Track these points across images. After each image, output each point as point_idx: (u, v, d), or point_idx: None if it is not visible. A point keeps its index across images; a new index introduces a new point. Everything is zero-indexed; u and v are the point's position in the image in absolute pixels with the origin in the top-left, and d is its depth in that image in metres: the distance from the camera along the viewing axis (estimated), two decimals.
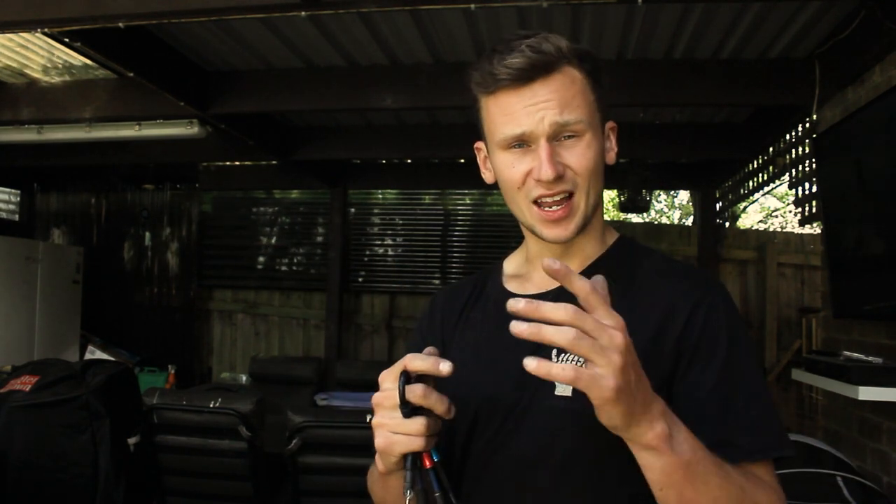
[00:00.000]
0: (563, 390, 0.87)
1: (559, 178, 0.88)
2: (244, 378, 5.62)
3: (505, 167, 0.92)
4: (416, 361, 0.78)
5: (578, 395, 0.85)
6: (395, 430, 0.79)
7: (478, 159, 1.02)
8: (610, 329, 0.68)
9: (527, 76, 0.88)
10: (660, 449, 0.73)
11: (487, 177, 1.00)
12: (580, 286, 0.69)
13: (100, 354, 5.40)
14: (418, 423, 0.78)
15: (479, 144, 1.01)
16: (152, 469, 2.98)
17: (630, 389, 0.69)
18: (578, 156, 0.90)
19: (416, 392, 0.78)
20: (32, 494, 2.91)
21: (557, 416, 0.88)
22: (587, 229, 0.96)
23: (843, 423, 3.01)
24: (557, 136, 0.89)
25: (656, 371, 0.86)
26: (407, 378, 0.79)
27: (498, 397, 0.92)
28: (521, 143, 0.90)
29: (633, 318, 0.87)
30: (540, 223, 0.92)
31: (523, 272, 1.02)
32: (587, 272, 0.96)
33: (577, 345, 0.67)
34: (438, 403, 0.78)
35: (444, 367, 0.77)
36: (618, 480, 0.86)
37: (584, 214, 0.92)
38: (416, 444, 0.78)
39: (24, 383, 2.98)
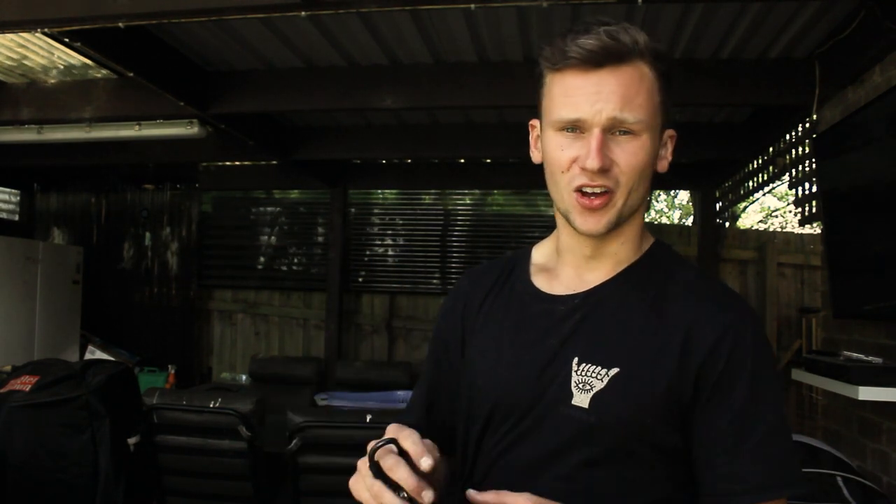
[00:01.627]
0: (580, 401, 0.87)
1: (604, 170, 0.86)
2: (244, 378, 5.62)
3: (554, 148, 0.90)
4: (407, 442, 0.78)
5: (595, 408, 0.85)
6: (365, 489, 0.78)
7: (530, 137, 0.99)
8: None
9: (596, 60, 0.86)
10: None
11: (535, 156, 0.98)
12: None
13: (100, 354, 5.40)
14: (376, 485, 0.76)
15: (534, 122, 0.98)
16: (152, 469, 2.98)
17: None
18: (629, 154, 0.87)
19: (386, 462, 0.77)
20: (32, 494, 2.91)
21: (572, 426, 0.87)
22: (622, 232, 0.93)
23: (843, 423, 3.01)
24: (613, 129, 0.87)
25: (676, 394, 0.85)
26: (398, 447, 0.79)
27: (515, 396, 0.92)
28: (575, 128, 0.88)
29: (660, 332, 0.87)
30: (575, 211, 0.90)
31: (552, 265, 1.00)
32: (616, 280, 0.94)
33: None
34: (409, 481, 0.75)
35: (424, 462, 0.76)
36: (627, 493, 0.86)
37: (619, 213, 0.90)
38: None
39: (24, 383, 2.98)
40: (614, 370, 0.86)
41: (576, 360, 0.89)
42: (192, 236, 6.32)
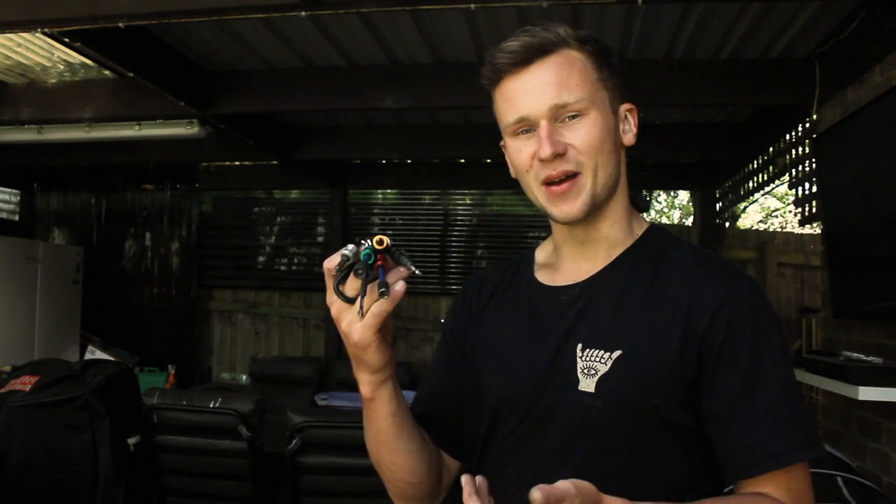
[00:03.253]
0: (586, 386, 0.88)
1: (559, 155, 0.89)
2: (244, 378, 5.62)
3: (514, 153, 0.94)
4: (332, 261, 0.82)
5: (601, 391, 0.87)
6: (353, 321, 0.83)
7: (506, 158, 1.01)
8: None
9: (523, 59, 0.89)
10: None
11: (512, 171, 1.00)
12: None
13: (100, 354, 5.40)
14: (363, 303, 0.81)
15: (503, 143, 1.00)
16: (152, 469, 2.98)
17: None
18: (581, 134, 0.89)
19: (349, 285, 0.82)
20: (32, 494, 2.91)
21: (582, 412, 0.88)
22: (607, 213, 0.95)
23: (843, 423, 3.01)
24: (559, 117, 0.90)
25: (680, 371, 0.86)
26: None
27: (523, 388, 0.93)
28: (527, 128, 0.91)
29: (660, 312, 0.88)
30: (548, 202, 0.92)
31: (553, 262, 1.02)
32: (614, 265, 0.95)
33: None
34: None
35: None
36: (644, 474, 0.87)
37: (593, 194, 0.91)
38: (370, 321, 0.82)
39: (24, 383, 2.98)
40: (617, 352, 0.87)
41: (579, 346, 0.90)
42: (192, 236, 6.32)
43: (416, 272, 0.83)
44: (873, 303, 2.63)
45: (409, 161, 5.64)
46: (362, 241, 0.83)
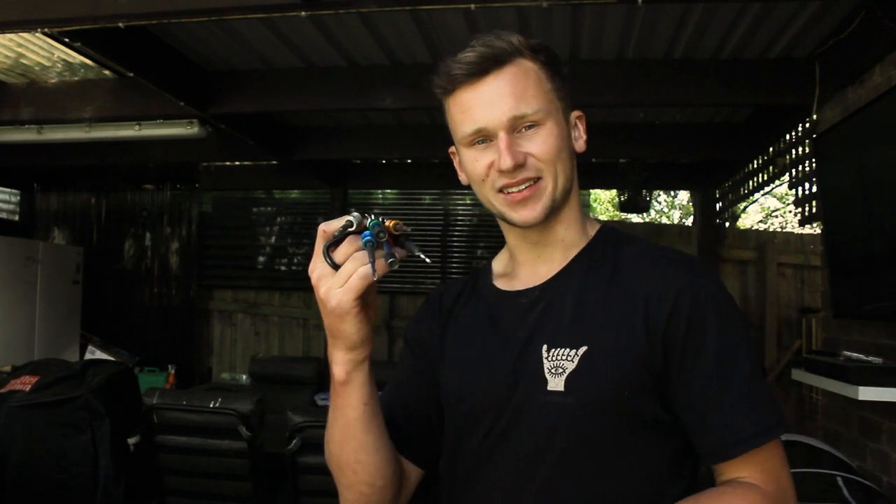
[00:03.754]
0: (556, 385, 0.88)
1: (519, 166, 0.89)
2: (244, 378, 5.62)
3: (470, 162, 0.94)
4: (332, 224, 0.82)
5: (571, 389, 0.87)
6: (333, 286, 0.81)
7: (454, 164, 1.03)
8: None
9: (479, 69, 0.90)
10: None
11: (462, 179, 1.01)
12: None
13: (100, 354, 5.40)
14: (346, 267, 0.80)
15: (452, 149, 1.02)
16: (152, 469, 2.98)
17: None
18: (539, 143, 0.91)
19: (340, 251, 0.81)
20: (32, 494, 2.91)
21: (553, 411, 0.88)
22: (562, 217, 0.96)
23: (843, 423, 3.01)
24: (517, 127, 0.90)
25: (647, 363, 0.87)
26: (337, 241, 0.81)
27: (490, 394, 0.93)
28: (483, 138, 0.92)
29: (621, 306, 0.90)
30: (507, 208, 0.93)
31: (510, 270, 1.03)
32: (571, 266, 0.96)
33: None
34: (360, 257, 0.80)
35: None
36: (621, 467, 0.87)
37: (553, 198, 0.92)
38: (355, 284, 0.80)
39: (24, 383, 2.98)
40: (583, 348, 0.88)
41: (545, 346, 0.90)
42: (192, 236, 6.32)
43: (426, 259, 0.84)
44: (873, 303, 2.63)
45: (409, 161, 5.64)
46: (366, 214, 0.82)
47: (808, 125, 3.50)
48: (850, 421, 2.93)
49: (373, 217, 0.81)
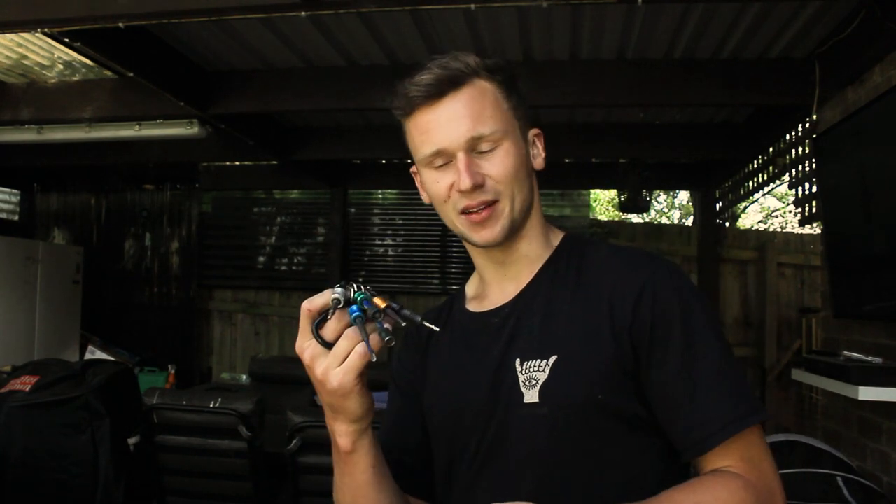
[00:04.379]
0: (531, 397, 0.88)
1: (478, 187, 0.90)
2: (244, 378, 5.61)
3: (431, 183, 0.96)
4: (315, 301, 0.82)
5: (545, 399, 0.88)
6: (330, 366, 0.80)
7: (416, 183, 1.04)
8: None
9: (437, 91, 0.91)
10: None
11: (424, 198, 1.02)
12: None
13: (100, 354, 5.40)
14: (341, 346, 0.80)
15: (414, 168, 1.03)
16: (152, 469, 2.98)
17: None
18: (497, 164, 0.91)
19: (329, 328, 0.81)
20: (32, 494, 2.91)
21: (532, 423, 0.89)
22: (525, 234, 0.97)
23: (843, 423, 3.01)
24: (475, 148, 0.91)
25: (618, 363, 0.87)
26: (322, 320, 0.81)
27: (474, 414, 0.93)
28: (443, 160, 0.93)
29: (587, 311, 0.90)
30: (468, 229, 0.94)
31: (480, 292, 1.04)
32: (537, 279, 0.97)
33: None
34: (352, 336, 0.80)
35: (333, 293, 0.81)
36: (607, 470, 0.87)
37: (511, 218, 0.93)
38: (354, 362, 0.80)
39: (24, 383, 2.98)
40: (553, 357, 0.89)
41: (518, 360, 0.91)
42: (192, 236, 6.32)
43: (435, 328, 0.85)
44: (873, 303, 2.63)
45: (409, 161, 5.62)
46: (348, 285, 0.81)
47: (808, 125, 3.50)
48: (850, 421, 2.93)
49: (356, 289, 0.80)
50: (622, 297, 0.88)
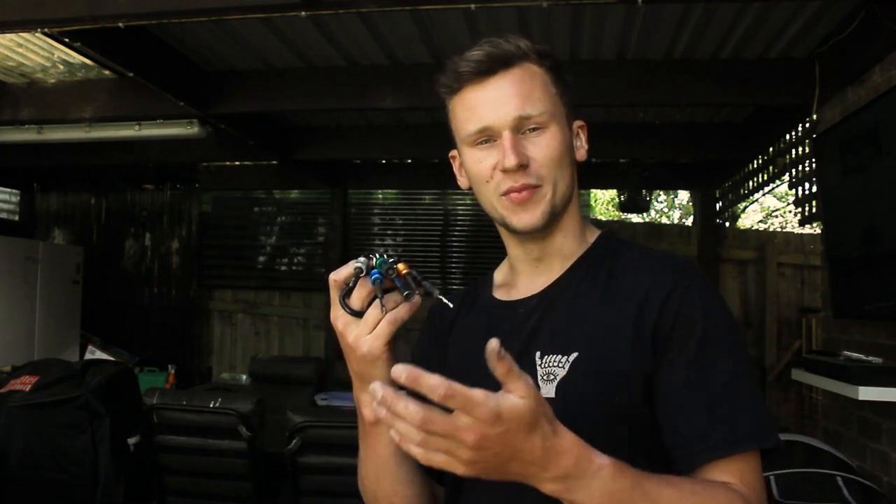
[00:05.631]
0: (547, 392, 0.87)
1: (522, 166, 0.89)
2: (244, 378, 5.62)
3: (473, 163, 0.94)
4: (341, 273, 0.84)
5: (561, 394, 0.87)
6: (361, 333, 0.83)
7: (453, 168, 1.04)
8: (461, 430, 0.66)
9: (487, 68, 0.90)
10: (562, 497, 0.72)
11: (462, 182, 1.01)
12: (433, 393, 0.66)
13: (100, 354, 5.40)
14: (370, 314, 0.82)
15: (454, 152, 1.02)
16: (152, 469, 2.98)
17: (494, 466, 0.68)
18: (543, 147, 0.90)
19: (354, 297, 0.82)
20: (32, 494, 2.91)
21: None
22: (562, 226, 0.96)
23: (843, 423, 3.01)
24: (521, 128, 0.90)
25: (640, 364, 0.86)
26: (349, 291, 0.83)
27: None
28: (487, 138, 0.92)
29: (613, 311, 0.89)
30: (508, 212, 0.92)
31: (509, 280, 1.03)
32: (568, 274, 0.97)
33: (425, 445, 0.67)
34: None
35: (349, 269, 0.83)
36: None
37: (552, 204, 0.92)
38: (383, 330, 0.83)
39: (24, 383, 2.98)
40: (574, 354, 0.88)
41: (538, 353, 0.90)
42: (192, 236, 6.32)
43: (447, 301, 0.85)
44: (873, 303, 2.63)
45: (409, 161, 5.64)
46: (371, 255, 0.83)
47: (807, 125, 3.50)
48: (850, 421, 2.93)
49: (377, 256, 0.82)
50: (651, 300, 0.87)
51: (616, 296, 0.90)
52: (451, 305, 0.85)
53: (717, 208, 5.61)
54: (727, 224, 5.96)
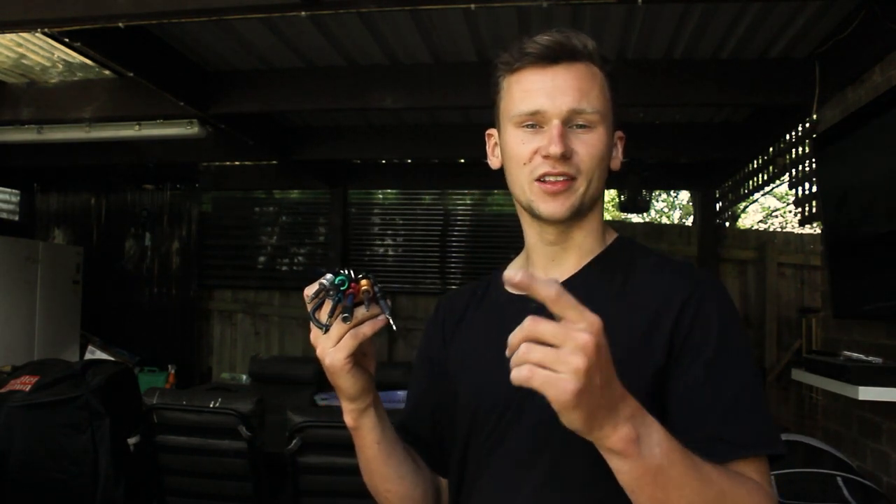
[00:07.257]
0: None
1: (566, 157, 0.90)
2: (244, 378, 5.61)
3: (515, 143, 0.94)
4: (311, 288, 0.87)
5: None
6: (327, 346, 0.86)
7: (487, 146, 1.04)
8: (574, 332, 0.66)
9: (552, 56, 0.91)
10: (625, 453, 0.71)
11: (493, 162, 1.02)
12: (546, 292, 0.68)
13: (100, 354, 5.40)
14: (333, 329, 0.85)
15: (491, 131, 1.03)
16: (152, 469, 2.98)
17: (593, 392, 0.67)
18: (588, 145, 0.92)
19: (322, 311, 0.85)
20: (32, 494, 2.91)
21: (549, 411, 0.87)
22: (584, 224, 0.97)
23: (843, 423, 3.01)
24: (570, 122, 0.91)
25: (648, 367, 0.87)
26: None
27: (495, 396, 0.94)
28: (535, 123, 0.92)
29: (628, 314, 0.90)
30: (538, 198, 0.93)
31: None
32: (583, 272, 0.97)
33: (527, 356, 0.67)
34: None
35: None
36: (607, 473, 0.86)
37: (582, 199, 0.93)
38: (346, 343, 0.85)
39: (24, 383, 2.98)
40: None
41: None
42: (192, 236, 6.32)
43: (392, 324, 0.86)
44: (873, 303, 2.63)
45: (409, 161, 5.64)
46: (342, 271, 0.86)
47: (808, 125, 3.50)
48: (850, 421, 2.93)
49: (343, 273, 0.86)
50: (668, 303, 0.88)
51: (633, 300, 0.91)
52: (395, 328, 0.87)
53: (718, 208, 5.61)
54: (727, 224, 5.96)
